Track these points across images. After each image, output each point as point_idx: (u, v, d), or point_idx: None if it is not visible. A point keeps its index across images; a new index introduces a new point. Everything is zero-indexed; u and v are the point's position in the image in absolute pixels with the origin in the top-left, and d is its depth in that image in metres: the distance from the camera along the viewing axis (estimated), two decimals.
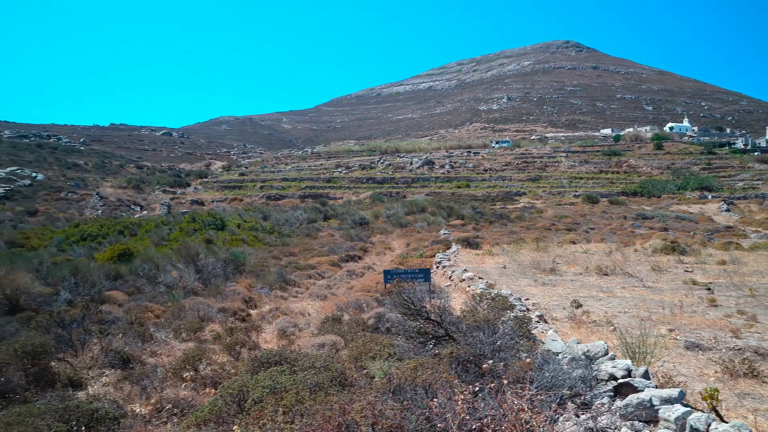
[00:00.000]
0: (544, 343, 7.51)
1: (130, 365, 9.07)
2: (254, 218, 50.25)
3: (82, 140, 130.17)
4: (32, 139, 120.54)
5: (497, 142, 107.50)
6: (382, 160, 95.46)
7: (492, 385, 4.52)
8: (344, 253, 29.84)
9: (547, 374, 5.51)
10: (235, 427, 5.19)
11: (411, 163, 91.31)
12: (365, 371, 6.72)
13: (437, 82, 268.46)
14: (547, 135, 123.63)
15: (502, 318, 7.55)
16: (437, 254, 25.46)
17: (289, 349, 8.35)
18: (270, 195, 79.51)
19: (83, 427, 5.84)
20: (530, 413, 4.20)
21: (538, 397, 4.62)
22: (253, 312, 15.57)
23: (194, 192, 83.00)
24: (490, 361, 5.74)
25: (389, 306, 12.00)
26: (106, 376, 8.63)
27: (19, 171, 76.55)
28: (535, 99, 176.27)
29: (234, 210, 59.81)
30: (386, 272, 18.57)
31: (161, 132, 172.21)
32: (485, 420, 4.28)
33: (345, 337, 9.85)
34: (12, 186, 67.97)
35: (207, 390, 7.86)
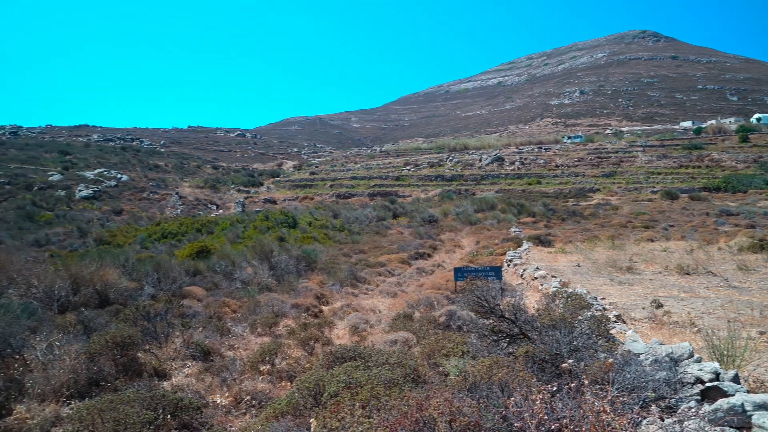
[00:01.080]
0: (623, 343, 7.25)
1: (210, 358, 9.42)
2: (325, 216, 51.07)
3: (162, 142, 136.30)
4: (117, 142, 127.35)
5: (569, 138, 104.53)
6: (450, 158, 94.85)
7: (572, 385, 4.40)
8: (413, 251, 29.86)
9: (629, 376, 5.32)
10: (312, 420, 5.30)
11: (480, 160, 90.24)
12: (439, 368, 6.71)
13: (506, 78, 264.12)
14: (622, 129, 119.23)
15: (579, 317, 7.35)
16: (508, 252, 25.08)
17: (362, 344, 8.45)
18: (340, 193, 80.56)
19: (169, 416, 6.12)
20: (612, 415, 4.06)
21: (620, 398, 4.47)
22: (325, 308, 15.83)
23: (267, 191, 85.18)
24: (570, 361, 5.59)
25: (461, 304, 11.92)
26: (188, 367, 9.00)
27: (105, 172, 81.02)
28: (609, 92, 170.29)
29: (305, 208, 61.01)
30: (457, 270, 18.48)
31: (235, 133, 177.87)
32: (564, 421, 4.17)
33: (417, 334, 9.86)
34: (99, 187, 71.99)
35: (283, 383, 8.06)
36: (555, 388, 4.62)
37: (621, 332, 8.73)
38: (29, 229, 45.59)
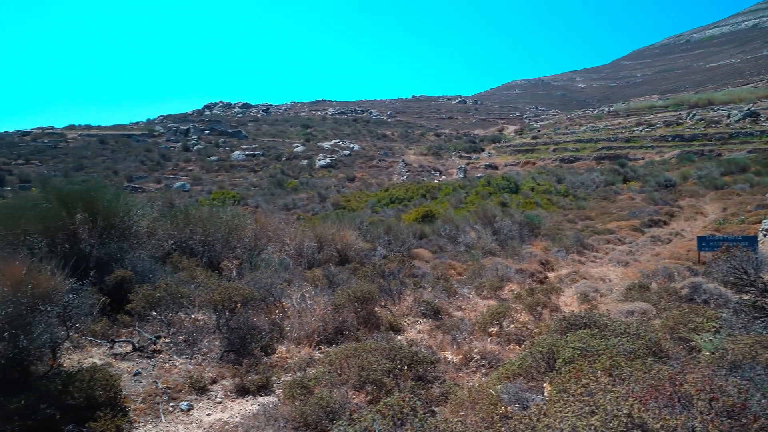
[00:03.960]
0: None
1: (440, 316, 9.81)
2: (548, 181, 49.64)
3: (388, 113, 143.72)
4: (349, 114, 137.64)
5: None
6: (690, 115, 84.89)
7: None
8: (647, 218, 27.67)
9: None
10: (545, 384, 5.24)
11: (728, 117, 79.21)
12: (688, 343, 6.15)
13: (764, 19, 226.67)
14: None
15: None
16: (764, 220, 21.84)
17: (596, 313, 8.09)
18: (563, 157, 77.38)
19: (405, 367, 6.53)
20: None
21: None
22: (550, 274, 15.48)
23: (488, 157, 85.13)
24: None
25: (709, 275, 10.74)
26: (419, 324, 9.48)
27: (340, 143, 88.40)
28: None
29: (527, 173, 59.84)
30: (700, 239, 16.78)
31: (456, 100, 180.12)
32: None
33: (656, 305, 9.15)
34: (335, 156, 78.89)
35: (511, 346, 8.08)
36: None
37: None
38: (279, 195, 51.99)
